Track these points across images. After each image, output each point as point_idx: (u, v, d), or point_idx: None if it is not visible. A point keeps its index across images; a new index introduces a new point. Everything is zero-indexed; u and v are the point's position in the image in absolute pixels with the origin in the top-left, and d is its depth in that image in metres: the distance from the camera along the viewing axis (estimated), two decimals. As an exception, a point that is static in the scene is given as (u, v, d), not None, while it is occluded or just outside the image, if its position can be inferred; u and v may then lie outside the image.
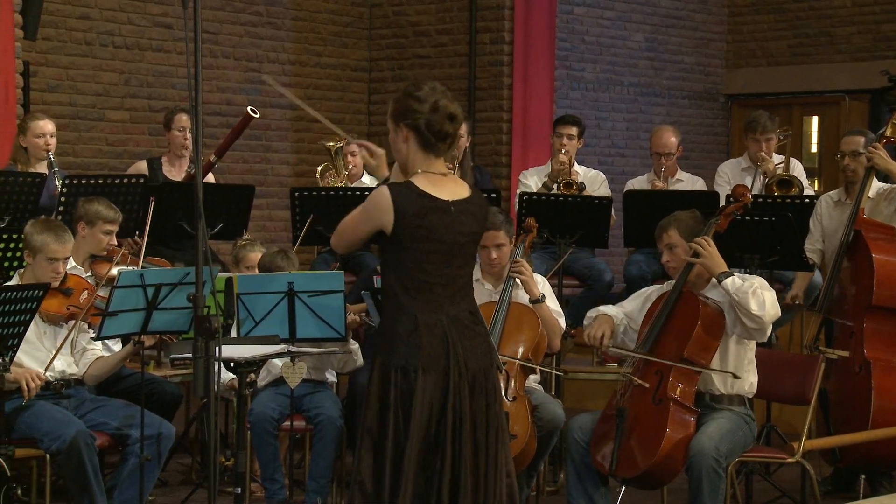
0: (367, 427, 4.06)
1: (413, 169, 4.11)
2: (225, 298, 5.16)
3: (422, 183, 4.07)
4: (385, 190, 4.05)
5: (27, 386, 5.15)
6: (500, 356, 5.16)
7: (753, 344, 5.37)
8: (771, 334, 7.13)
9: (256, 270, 6.19)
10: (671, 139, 7.83)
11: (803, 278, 6.95)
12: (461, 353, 4.04)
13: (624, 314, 5.53)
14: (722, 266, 5.25)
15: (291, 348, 5.40)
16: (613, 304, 5.73)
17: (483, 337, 4.16)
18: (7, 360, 4.93)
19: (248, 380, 5.29)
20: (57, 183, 6.70)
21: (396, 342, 4.03)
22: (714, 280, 5.30)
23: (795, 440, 5.50)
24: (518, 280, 5.78)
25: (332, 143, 7.95)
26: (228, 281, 5.27)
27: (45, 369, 5.35)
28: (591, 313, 5.56)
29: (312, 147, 9.92)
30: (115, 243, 6.18)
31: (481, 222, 4.21)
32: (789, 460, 5.48)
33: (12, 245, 5.76)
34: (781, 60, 11.75)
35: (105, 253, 6.10)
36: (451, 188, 4.12)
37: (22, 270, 5.61)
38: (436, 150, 4.10)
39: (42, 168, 6.88)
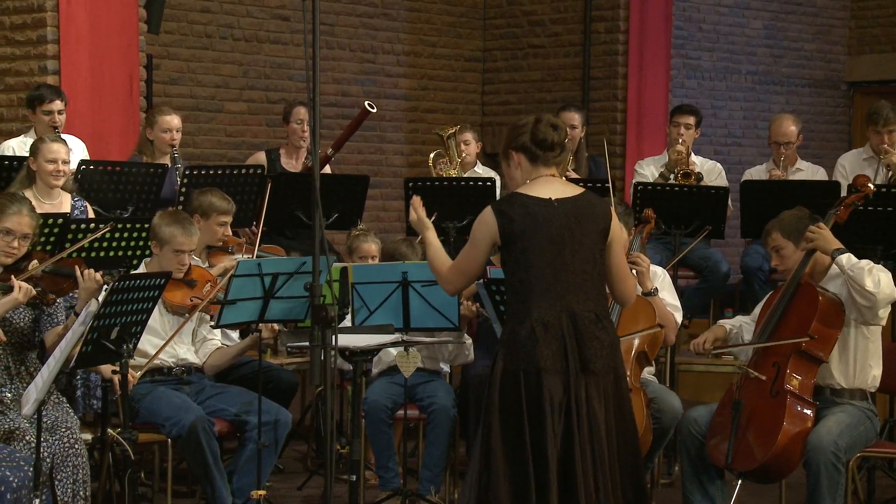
0: (495, 440, 4.03)
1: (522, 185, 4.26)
2: (340, 288, 5.22)
3: (523, 188, 4.23)
4: (487, 208, 4.23)
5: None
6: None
7: (878, 336, 5.23)
8: None
9: (370, 260, 6.24)
10: (790, 128, 7.67)
11: None
12: (577, 352, 4.03)
13: (750, 319, 5.46)
14: (836, 244, 5.12)
15: (405, 338, 5.43)
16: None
17: (605, 347, 4.12)
18: (131, 346, 5.04)
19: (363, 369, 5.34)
20: (178, 178, 6.81)
21: (517, 346, 4.07)
22: (831, 272, 5.18)
23: (920, 436, 5.37)
24: (634, 272, 5.73)
25: (444, 131, 7.96)
26: (343, 270, 5.32)
27: (153, 357, 5.43)
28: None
29: (427, 138, 9.96)
30: (230, 233, 6.27)
31: (597, 218, 4.19)
32: (913, 456, 5.35)
33: (136, 234, 5.88)
34: (907, 46, 11.44)
35: (220, 244, 6.20)
36: (556, 188, 4.20)
37: (148, 260, 5.73)
38: (544, 161, 4.21)
39: (165, 161, 7.01)
